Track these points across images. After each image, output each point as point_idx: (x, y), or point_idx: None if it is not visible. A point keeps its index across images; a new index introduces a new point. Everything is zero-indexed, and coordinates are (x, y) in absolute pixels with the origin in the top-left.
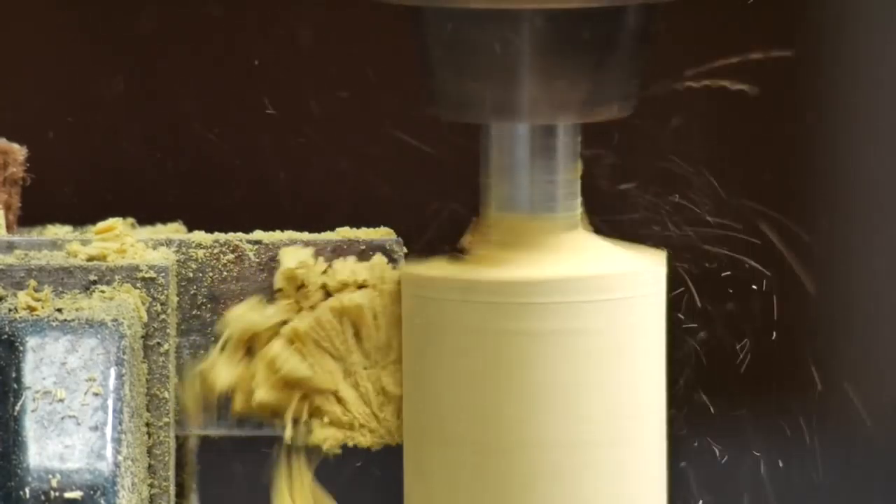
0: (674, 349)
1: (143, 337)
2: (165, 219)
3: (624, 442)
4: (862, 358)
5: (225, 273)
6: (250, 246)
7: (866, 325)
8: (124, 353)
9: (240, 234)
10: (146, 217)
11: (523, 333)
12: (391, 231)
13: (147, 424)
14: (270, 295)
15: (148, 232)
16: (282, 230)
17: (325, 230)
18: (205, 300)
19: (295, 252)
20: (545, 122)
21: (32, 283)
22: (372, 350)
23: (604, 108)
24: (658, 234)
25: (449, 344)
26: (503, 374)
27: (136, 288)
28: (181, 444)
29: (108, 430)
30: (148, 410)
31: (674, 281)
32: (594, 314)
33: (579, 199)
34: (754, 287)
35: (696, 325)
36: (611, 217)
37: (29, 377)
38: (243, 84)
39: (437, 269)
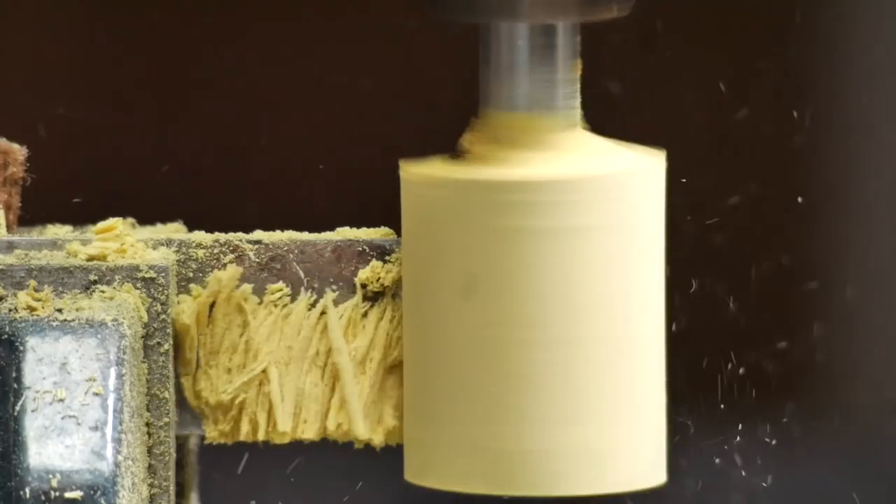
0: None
1: (143, 337)
2: (166, 219)
3: (622, 339)
4: (862, 358)
5: None
6: (250, 246)
7: (866, 325)
8: (124, 353)
9: (240, 235)
10: (147, 217)
11: (522, 231)
12: (391, 231)
13: (147, 424)
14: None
15: (148, 232)
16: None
17: (325, 230)
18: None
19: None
20: (545, 21)
21: (32, 283)
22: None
23: (603, 7)
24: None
25: (447, 242)
26: (502, 271)
27: (136, 288)
28: (181, 444)
29: (109, 430)
30: (148, 410)
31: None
32: (593, 212)
33: (578, 100)
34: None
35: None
36: None
37: (29, 377)
38: (244, 84)
39: (435, 168)
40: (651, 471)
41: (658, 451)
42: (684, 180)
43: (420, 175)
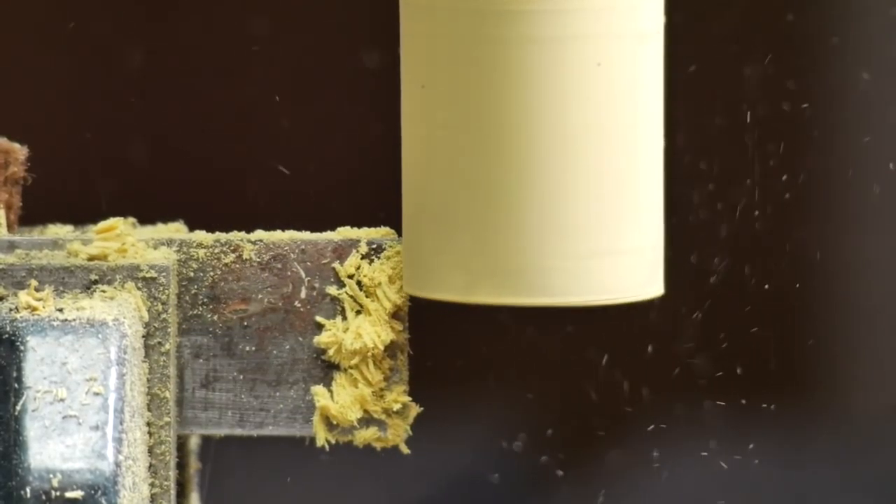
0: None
1: (144, 336)
2: (167, 218)
3: (620, 149)
4: (862, 358)
5: (226, 273)
6: (251, 245)
7: (866, 325)
8: (125, 353)
9: (241, 234)
10: (148, 216)
11: (519, 40)
12: (392, 231)
13: (148, 424)
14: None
15: (149, 231)
16: (283, 230)
17: (326, 229)
18: (206, 300)
19: None
20: None
21: (33, 282)
22: None
23: None
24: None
25: (443, 54)
26: (497, 80)
27: (137, 287)
28: (182, 443)
29: (109, 430)
30: (149, 410)
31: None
32: (591, 21)
33: None
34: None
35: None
36: None
37: (30, 377)
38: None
39: None
40: (648, 282)
41: (656, 262)
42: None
43: None
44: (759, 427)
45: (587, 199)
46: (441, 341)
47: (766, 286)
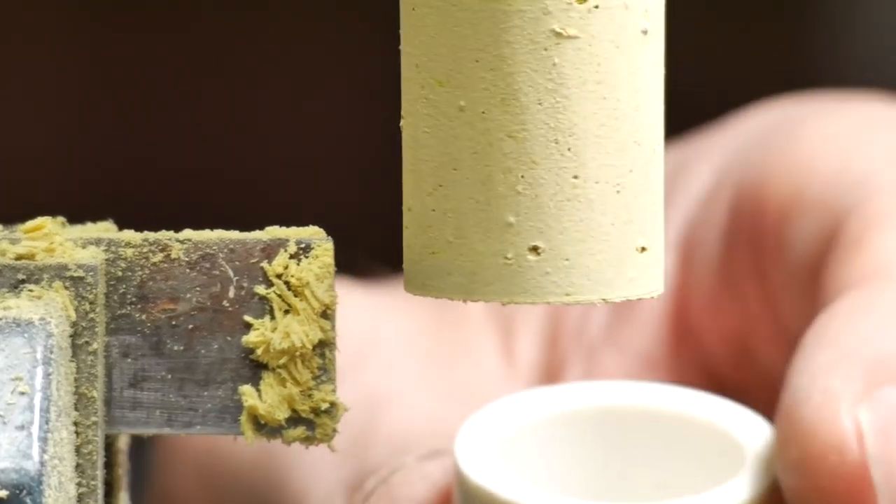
0: None
1: (71, 336)
2: (150, 219)
3: (619, 151)
4: None
5: (154, 272)
6: (179, 245)
7: None
8: (52, 353)
9: (169, 233)
10: (126, 217)
11: (519, 40)
12: (320, 230)
13: (75, 423)
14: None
15: (78, 231)
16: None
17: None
18: (134, 299)
19: None
20: None
21: None
22: None
23: None
24: None
25: (444, 54)
26: (498, 79)
27: (64, 287)
28: (110, 443)
29: (35, 430)
30: (76, 409)
31: None
32: (591, 21)
33: None
34: None
35: None
36: None
37: None
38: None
39: None
40: (648, 282)
41: (656, 261)
42: None
43: None
44: None
45: (587, 199)
46: None
47: None
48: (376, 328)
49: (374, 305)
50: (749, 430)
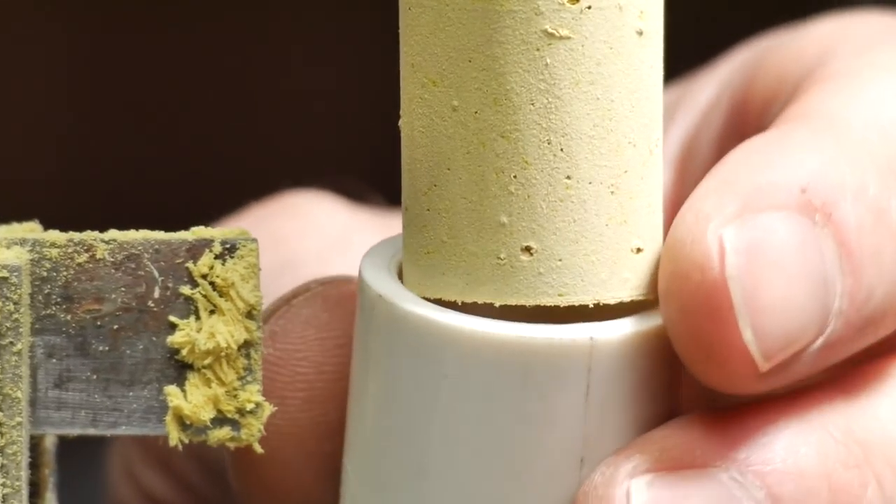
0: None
1: None
2: (162, 219)
3: (619, 151)
4: None
5: (79, 272)
6: (105, 245)
7: None
8: None
9: (94, 233)
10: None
11: (519, 39)
12: (246, 230)
13: None
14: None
15: (3, 231)
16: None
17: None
18: (59, 299)
19: None
20: None
21: None
22: None
23: None
24: None
25: (445, 53)
26: (498, 79)
27: None
28: (36, 443)
29: None
30: (0, 410)
31: None
32: (591, 21)
33: None
34: None
35: None
36: None
37: None
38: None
39: None
40: (649, 282)
41: (656, 262)
42: None
43: None
44: None
45: (580, 199)
46: None
47: None
48: (349, 236)
49: (354, 218)
50: None
